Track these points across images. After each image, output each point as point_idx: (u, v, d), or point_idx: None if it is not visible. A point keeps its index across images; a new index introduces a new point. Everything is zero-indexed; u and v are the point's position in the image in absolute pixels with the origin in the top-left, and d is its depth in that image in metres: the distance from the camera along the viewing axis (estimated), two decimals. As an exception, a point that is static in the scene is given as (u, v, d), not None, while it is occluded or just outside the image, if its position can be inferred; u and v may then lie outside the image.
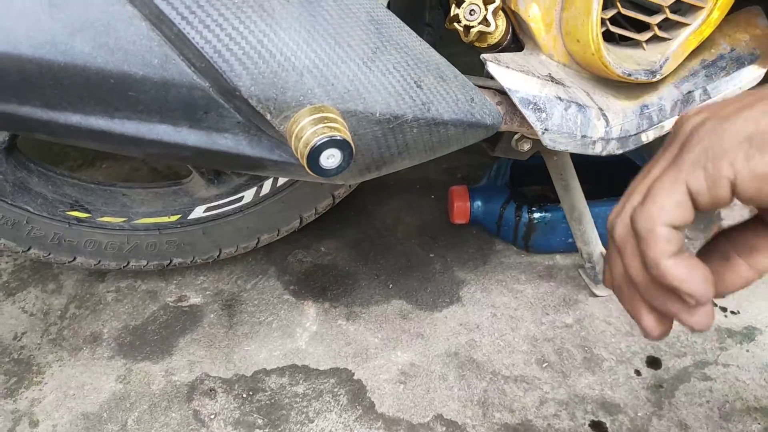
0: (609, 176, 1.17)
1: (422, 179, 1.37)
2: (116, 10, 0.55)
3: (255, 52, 0.57)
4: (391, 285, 1.15)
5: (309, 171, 0.58)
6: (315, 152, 0.57)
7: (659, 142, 0.54)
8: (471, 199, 1.20)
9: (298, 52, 0.59)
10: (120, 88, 0.57)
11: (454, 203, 1.19)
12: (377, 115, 0.63)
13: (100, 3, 0.55)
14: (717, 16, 0.76)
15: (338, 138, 0.57)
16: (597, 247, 1.08)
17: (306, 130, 0.58)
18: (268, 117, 0.59)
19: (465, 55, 0.87)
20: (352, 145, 0.58)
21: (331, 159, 0.58)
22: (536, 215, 1.14)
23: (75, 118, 0.58)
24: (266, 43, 0.58)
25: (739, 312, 1.06)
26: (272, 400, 0.96)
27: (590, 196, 1.05)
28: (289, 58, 0.59)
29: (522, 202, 1.15)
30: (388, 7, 0.77)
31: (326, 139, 0.57)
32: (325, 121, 0.58)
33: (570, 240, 1.12)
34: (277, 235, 1.09)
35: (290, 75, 0.59)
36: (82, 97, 0.57)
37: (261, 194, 1.03)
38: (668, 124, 0.82)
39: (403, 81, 0.65)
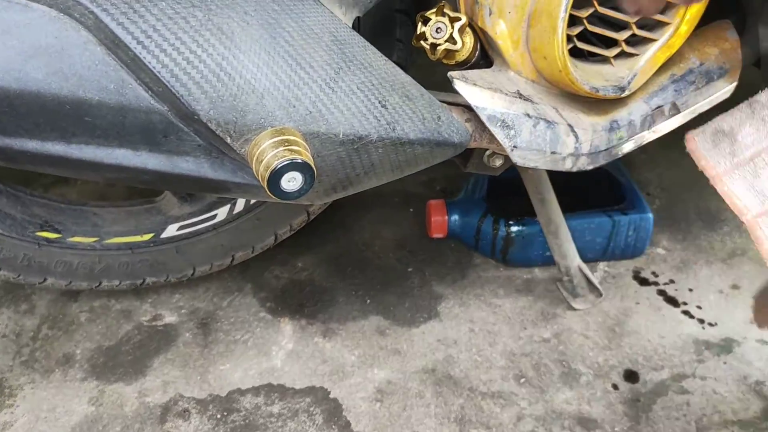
0: (586, 189, 1.17)
1: (400, 192, 1.37)
2: (70, 35, 0.54)
3: (213, 75, 0.57)
4: (368, 300, 1.14)
5: (270, 194, 0.57)
6: (275, 175, 0.56)
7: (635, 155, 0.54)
8: (448, 213, 1.19)
9: (258, 74, 0.58)
10: (76, 114, 0.56)
11: (432, 218, 1.19)
12: (341, 136, 0.63)
13: (53, 29, 0.54)
14: (685, 30, 0.76)
15: (299, 161, 0.56)
16: (574, 261, 1.07)
17: (266, 153, 0.57)
18: (229, 140, 0.59)
19: (445, 65, 0.87)
20: (314, 167, 0.58)
21: (292, 182, 0.57)
22: (513, 229, 1.14)
23: (31, 145, 0.58)
24: (225, 66, 0.57)
25: (716, 324, 1.06)
26: (247, 421, 0.95)
27: (567, 209, 1.05)
28: (249, 80, 0.58)
29: (499, 216, 1.15)
30: (358, 24, 0.77)
31: (287, 162, 0.56)
32: (286, 143, 0.58)
33: (548, 253, 1.11)
34: (252, 253, 1.08)
35: (250, 98, 0.58)
36: (37, 124, 0.56)
37: (235, 212, 1.02)
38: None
39: (366, 101, 0.64)
